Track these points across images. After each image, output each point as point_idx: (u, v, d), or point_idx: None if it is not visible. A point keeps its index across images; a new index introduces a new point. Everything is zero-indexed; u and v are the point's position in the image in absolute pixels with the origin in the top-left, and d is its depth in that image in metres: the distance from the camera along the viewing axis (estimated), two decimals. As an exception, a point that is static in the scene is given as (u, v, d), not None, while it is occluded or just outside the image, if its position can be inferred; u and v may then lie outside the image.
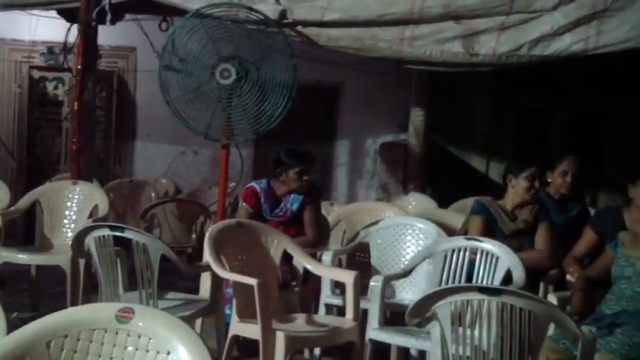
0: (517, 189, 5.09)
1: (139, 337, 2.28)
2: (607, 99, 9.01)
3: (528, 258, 4.82)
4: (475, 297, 3.30)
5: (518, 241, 4.98)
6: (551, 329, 3.67)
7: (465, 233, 5.10)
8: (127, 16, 7.42)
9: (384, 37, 6.37)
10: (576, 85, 8.71)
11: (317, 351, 5.01)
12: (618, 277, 4.26)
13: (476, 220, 5.04)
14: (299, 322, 4.49)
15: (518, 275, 4.50)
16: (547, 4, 6.38)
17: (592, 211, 5.71)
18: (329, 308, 5.26)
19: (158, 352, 2.25)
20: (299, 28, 6.36)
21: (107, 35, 7.72)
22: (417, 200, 7.36)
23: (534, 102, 9.17)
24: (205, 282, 5.10)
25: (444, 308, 3.34)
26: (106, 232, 4.48)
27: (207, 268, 4.49)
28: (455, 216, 6.05)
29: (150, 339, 2.27)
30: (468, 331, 3.40)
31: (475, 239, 4.72)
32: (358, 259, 5.73)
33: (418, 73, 7.80)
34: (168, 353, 2.23)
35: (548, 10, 6.41)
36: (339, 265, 5.60)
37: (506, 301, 3.26)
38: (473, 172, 9.10)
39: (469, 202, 6.26)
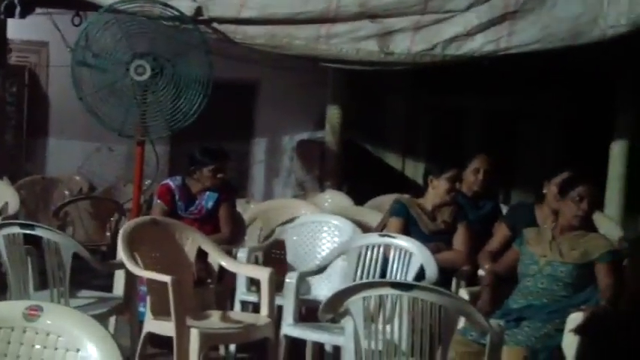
0: (438, 190, 5.16)
1: (48, 335, 2.25)
2: (519, 99, 9.21)
3: (447, 259, 4.91)
4: (387, 292, 3.35)
5: (437, 241, 5.05)
6: (461, 323, 3.74)
7: (382, 231, 5.16)
8: (39, 9, 7.27)
9: (300, 35, 6.39)
10: (490, 86, 8.88)
11: (232, 347, 5.00)
12: (523, 274, 4.38)
13: (395, 222, 5.09)
14: (214, 319, 4.48)
15: (431, 271, 4.58)
16: (460, 5, 6.50)
17: (504, 209, 5.85)
18: (244, 305, 5.27)
19: (67, 350, 2.23)
20: (215, 25, 6.34)
21: (18, 29, 7.55)
22: (334, 197, 7.41)
23: (449, 101, 9.32)
24: (119, 280, 5.05)
25: (356, 304, 3.37)
26: (16, 229, 4.40)
27: (121, 265, 4.45)
28: (371, 213, 6.10)
29: (59, 337, 2.24)
30: (381, 326, 3.45)
31: (389, 236, 4.78)
32: (274, 256, 5.74)
33: (334, 71, 7.84)
34: (78, 350, 2.21)
35: (462, 10, 6.52)
36: (256, 262, 5.61)
37: (418, 296, 3.32)
38: (389, 170, 9.20)
39: (385, 199, 6.35)
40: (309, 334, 4.43)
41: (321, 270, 4.89)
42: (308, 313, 5.04)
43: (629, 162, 7.67)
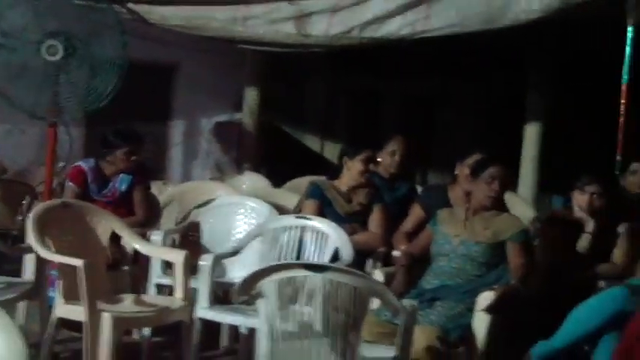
0: (352, 171, 5.19)
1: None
2: (437, 82, 9.32)
3: (362, 240, 4.94)
4: (301, 274, 3.36)
5: (352, 222, 5.07)
6: (376, 304, 3.78)
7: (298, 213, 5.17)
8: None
9: (217, 16, 6.36)
10: (408, 69, 8.96)
11: (146, 331, 4.95)
12: (436, 254, 4.44)
13: (310, 204, 5.11)
14: (127, 303, 4.43)
15: (347, 252, 4.61)
16: (378, -12, 6.54)
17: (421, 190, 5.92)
18: (160, 288, 5.21)
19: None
20: (129, 5, 6.24)
21: None
22: (251, 179, 7.39)
23: (368, 84, 9.37)
24: (29, 264, 4.95)
25: (270, 285, 3.37)
26: None
27: (31, 249, 4.35)
28: (289, 195, 6.11)
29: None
30: (296, 307, 3.45)
31: (305, 217, 4.79)
32: (191, 238, 5.67)
33: (252, 53, 7.81)
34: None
35: (379, -7, 6.57)
36: (173, 245, 5.56)
37: (331, 277, 3.33)
38: (308, 152, 9.22)
39: (303, 181, 6.35)
40: (223, 317, 4.41)
41: (236, 252, 4.88)
42: (225, 295, 5.02)
43: (542, 143, 7.83)
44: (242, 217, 5.41)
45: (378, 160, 5.69)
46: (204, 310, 4.41)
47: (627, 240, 4.85)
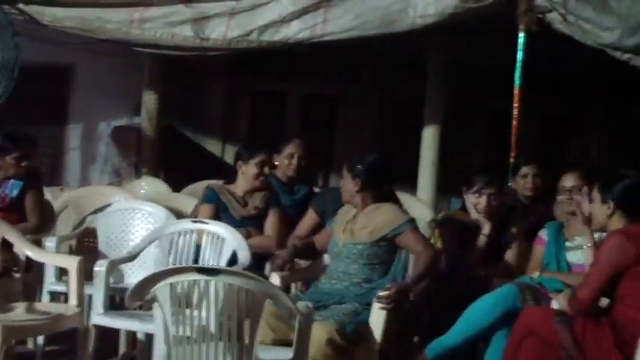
0: (247, 175, 5.17)
1: None
2: (340, 84, 9.39)
3: (257, 244, 4.93)
4: (194, 277, 3.34)
5: (248, 226, 5.06)
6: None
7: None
8: None
9: (113, 18, 6.28)
10: (309, 71, 9.01)
11: (40, 340, 4.84)
12: (330, 255, 4.48)
13: (205, 208, 5.09)
14: (19, 311, 4.33)
15: (244, 255, 4.61)
16: (276, -9, 6.57)
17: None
18: (55, 295, 5.12)
19: None
20: (20, 5, 6.10)
21: None
22: (150, 184, 7.30)
23: (269, 86, 9.38)
24: None
25: (163, 290, 3.34)
26: None
27: None
28: (187, 200, 6.07)
29: None
30: (192, 312, 3.43)
31: (201, 222, 4.77)
32: (87, 244, 5.60)
33: (150, 56, 7.72)
34: None
35: (278, -4, 6.60)
36: (70, 252, 5.47)
37: (225, 281, 3.33)
38: (209, 156, 9.15)
39: (202, 185, 6.30)
40: (119, 323, 4.36)
41: (132, 257, 4.83)
42: (123, 301, 4.96)
43: (440, 146, 7.96)
44: (139, 222, 5.36)
45: (276, 163, 5.71)
46: (99, 317, 4.35)
47: (519, 240, 4.98)
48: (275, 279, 4.48)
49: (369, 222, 4.38)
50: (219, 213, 5.06)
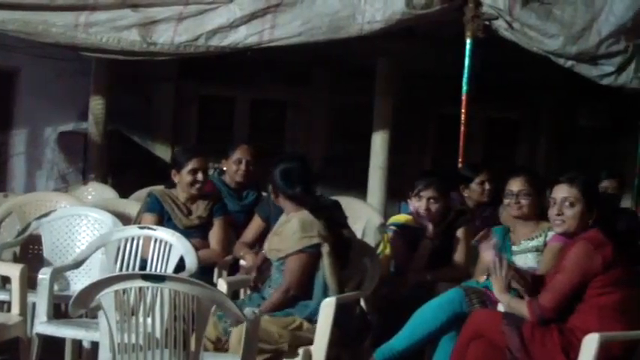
0: (182, 184, 5.09)
1: None
2: (288, 89, 9.39)
3: (203, 256, 4.87)
4: (139, 284, 3.31)
5: (192, 236, 5.00)
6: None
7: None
8: None
9: (58, 22, 6.20)
10: (259, 75, 9.01)
11: (-18, 350, 4.76)
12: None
13: (148, 218, 5.02)
14: (-40, 321, 4.24)
15: (191, 262, 4.57)
16: (224, -4, 6.57)
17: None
18: (-3, 304, 5.03)
19: None
20: (-41, 8, 6.01)
21: None
22: (97, 190, 7.22)
23: (218, 91, 9.35)
24: None
25: (107, 297, 3.31)
26: None
27: None
28: (135, 205, 5.99)
29: None
30: (136, 319, 3.40)
31: (148, 228, 4.72)
32: (32, 251, 5.51)
33: (97, 61, 7.65)
34: None
35: (225, 2, 6.62)
36: (14, 259, 5.37)
37: (171, 287, 3.30)
38: (157, 161, 9.09)
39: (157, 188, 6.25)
40: (63, 331, 4.29)
41: (77, 265, 4.76)
42: (68, 309, 4.88)
43: (389, 151, 8.00)
44: (85, 228, 5.27)
45: (224, 168, 5.69)
46: (42, 325, 4.28)
47: (465, 244, 5.01)
48: (222, 285, 4.46)
49: (277, 239, 4.26)
50: (163, 222, 4.98)
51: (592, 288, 3.84)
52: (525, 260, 4.62)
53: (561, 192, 4.04)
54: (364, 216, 6.06)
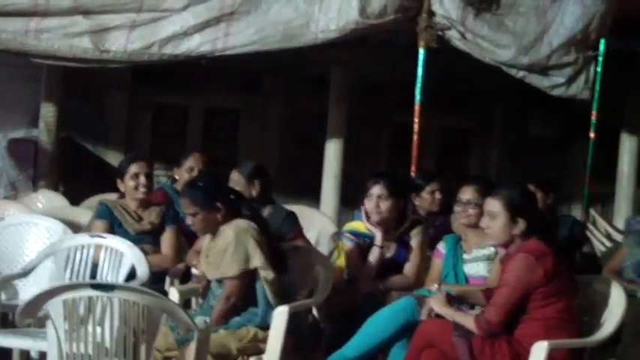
0: (128, 191, 5.08)
1: None
2: (242, 97, 9.37)
3: (154, 262, 4.84)
4: (89, 294, 3.29)
5: (143, 242, 4.98)
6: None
7: None
8: None
9: (7, 28, 6.13)
10: (213, 84, 8.98)
11: None
12: None
13: (99, 224, 5.00)
14: None
15: (142, 270, 4.57)
16: (177, 4, 6.55)
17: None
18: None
19: None
20: None
21: None
22: (47, 198, 7.13)
23: (172, 98, 9.30)
24: None
25: (55, 306, 3.28)
26: None
27: None
28: (87, 213, 5.94)
29: None
30: (85, 328, 3.37)
31: (99, 236, 4.69)
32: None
33: (48, 68, 7.56)
34: None
35: (179, 10, 6.58)
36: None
37: (121, 296, 3.28)
38: (110, 169, 8.99)
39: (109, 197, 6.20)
40: (10, 341, 4.23)
41: (26, 273, 4.72)
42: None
43: (343, 159, 8.02)
44: (34, 236, 5.22)
45: (176, 177, 5.67)
46: (-11, 335, 4.22)
47: (419, 253, 5.02)
48: (174, 294, 4.44)
49: (212, 255, 4.19)
50: (114, 228, 4.96)
51: (535, 300, 3.90)
52: (477, 269, 4.66)
53: (486, 205, 4.15)
54: (318, 224, 6.08)
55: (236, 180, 5.04)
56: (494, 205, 4.08)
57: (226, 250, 4.05)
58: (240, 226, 4.10)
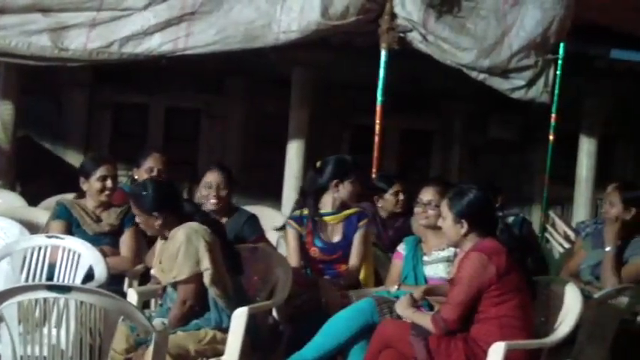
0: (91, 191, 5.04)
1: None
2: (203, 97, 9.34)
3: (113, 263, 4.80)
4: (44, 295, 3.25)
5: (102, 243, 4.93)
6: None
7: None
8: None
9: (-38, 25, 6.02)
10: (174, 83, 8.94)
11: None
12: None
13: (56, 225, 4.95)
14: None
15: (100, 271, 4.52)
16: (138, 3, 6.50)
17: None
18: None
19: None
20: None
21: None
22: (4, 198, 6.98)
23: (132, 98, 9.24)
24: None
25: (10, 308, 3.24)
26: None
27: None
28: (45, 214, 5.86)
29: None
30: (40, 331, 3.33)
31: (56, 237, 4.64)
32: None
33: (6, 65, 7.45)
34: None
35: (139, 9, 6.54)
36: None
37: (77, 298, 3.25)
38: (70, 168, 8.91)
39: (67, 197, 6.13)
40: (-37, 344, 4.16)
41: (-19, 274, 4.63)
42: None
43: (304, 160, 8.01)
44: (-9, 237, 5.13)
45: (135, 177, 5.63)
46: (-58, 338, 4.14)
47: (361, 247, 4.96)
48: (132, 295, 4.40)
49: (164, 259, 4.14)
50: (72, 229, 4.92)
51: (489, 297, 3.94)
52: (436, 270, 4.68)
53: (441, 206, 4.29)
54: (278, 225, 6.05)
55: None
56: (443, 206, 4.19)
57: (177, 253, 4.01)
58: (192, 228, 4.08)
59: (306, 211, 4.98)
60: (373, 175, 6.67)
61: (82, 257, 4.54)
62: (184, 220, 4.14)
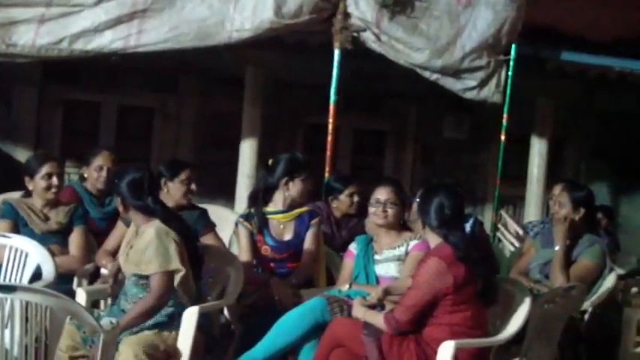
0: (37, 190, 4.97)
1: None
2: (156, 96, 9.26)
3: (61, 262, 4.73)
4: (-12, 295, 3.19)
5: (50, 242, 4.86)
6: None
7: None
8: None
9: None
10: (126, 81, 8.85)
11: None
12: None
13: (2, 225, 4.87)
14: None
15: (48, 271, 4.47)
16: (88, 0, 6.41)
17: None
18: None
19: None
20: None
21: None
22: (-50, 196, 6.90)
23: (83, 95, 9.12)
24: None
25: (-47, 309, 3.18)
26: None
27: None
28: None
29: None
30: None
31: (3, 235, 4.58)
32: None
33: (-47, 61, 7.33)
34: None
35: (90, 5, 6.49)
36: None
37: (22, 298, 3.20)
38: (19, 166, 8.77)
39: (8, 197, 6.03)
40: None
41: None
42: None
43: (257, 160, 7.98)
44: None
45: (85, 175, 5.57)
46: None
47: (311, 243, 4.96)
48: (81, 294, 4.34)
49: (132, 253, 4.09)
50: (20, 228, 4.84)
51: (444, 305, 3.97)
52: (387, 269, 4.69)
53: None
54: (232, 224, 6.02)
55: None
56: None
57: (147, 248, 3.98)
58: (162, 227, 4.04)
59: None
60: (326, 175, 6.69)
61: (29, 256, 4.48)
62: (151, 215, 4.10)
